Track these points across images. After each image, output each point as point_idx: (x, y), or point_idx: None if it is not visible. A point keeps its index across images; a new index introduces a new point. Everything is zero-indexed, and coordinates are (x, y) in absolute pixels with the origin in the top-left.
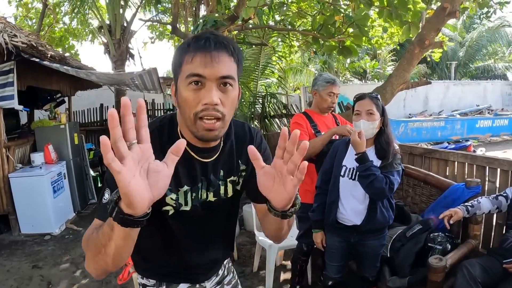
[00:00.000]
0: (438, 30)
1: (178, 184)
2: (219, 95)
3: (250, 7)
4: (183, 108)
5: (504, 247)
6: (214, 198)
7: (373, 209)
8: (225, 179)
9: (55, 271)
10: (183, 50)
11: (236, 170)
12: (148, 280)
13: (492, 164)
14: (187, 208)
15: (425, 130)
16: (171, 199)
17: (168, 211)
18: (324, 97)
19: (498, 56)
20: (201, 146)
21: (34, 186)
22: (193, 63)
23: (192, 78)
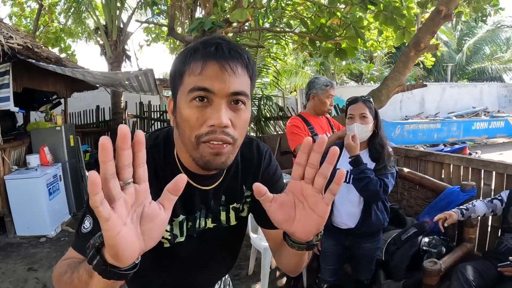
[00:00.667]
0: (433, 33)
1: (173, 215)
2: (230, 115)
3: (246, 9)
4: (183, 129)
5: (499, 250)
6: (213, 225)
7: (367, 212)
8: (228, 205)
9: (51, 274)
10: (187, 56)
11: (239, 196)
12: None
13: (487, 167)
14: (182, 239)
15: (422, 132)
16: (166, 231)
17: (163, 244)
18: (323, 100)
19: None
20: (202, 173)
21: (30, 188)
22: (199, 75)
23: (196, 93)
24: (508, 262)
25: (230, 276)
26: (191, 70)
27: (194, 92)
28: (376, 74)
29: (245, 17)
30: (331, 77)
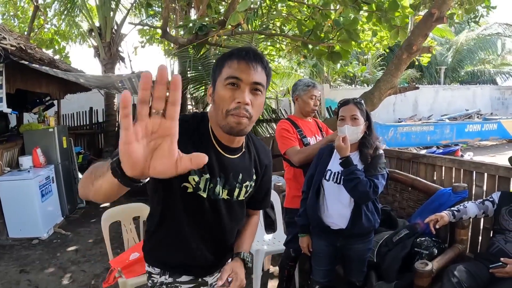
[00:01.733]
0: (426, 35)
1: (202, 170)
2: (250, 97)
3: (239, 12)
4: (218, 104)
5: (490, 252)
6: (227, 197)
7: (358, 213)
8: (242, 183)
9: (43, 276)
10: (226, 57)
11: (251, 176)
12: (154, 268)
13: (479, 169)
14: (204, 195)
15: (415, 135)
16: (193, 180)
17: (187, 188)
18: (306, 101)
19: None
20: (226, 143)
21: (22, 190)
22: (233, 68)
23: (230, 80)
24: (499, 264)
25: None
26: (229, 65)
27: (229, 79)
28: (369, 77)
29: (238, 20)
30: (324, 79)
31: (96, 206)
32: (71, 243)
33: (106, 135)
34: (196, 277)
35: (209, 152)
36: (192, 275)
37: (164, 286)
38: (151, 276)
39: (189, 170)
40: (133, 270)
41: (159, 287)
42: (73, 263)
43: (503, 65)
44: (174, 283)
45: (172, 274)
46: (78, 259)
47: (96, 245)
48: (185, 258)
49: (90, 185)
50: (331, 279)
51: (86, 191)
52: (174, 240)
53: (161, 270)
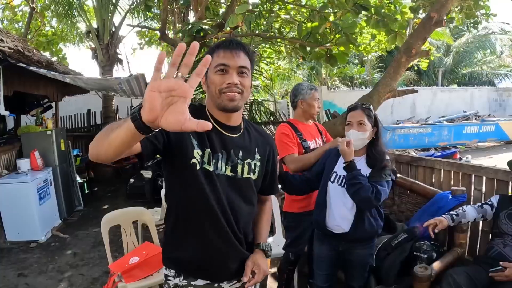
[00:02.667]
0: (425, 39)
1: (204, 144)
2: (238, 79)
3: (238, 14)
4: (211, 88)
5: (489, 255)
6: (231, 174)
7: (360, 217)
8: (243, 159)
9: (41, 279)
10: (213, 49)
11: (252, 155)
12: (170, 271)
13: (478, 172)
14: (210, 168)
15: (413, 137)
16: (197, 154)
17: (196, 164)
18: (311, 104)
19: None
20: (225, 122)
21: (20, 193)
22: (220, 57)
23: (219, 67)
24: (499, 267)
25: None
26: (216, 55)
27: (218, 67)
28: (368, 78)
29: (236, 23)
30: (322, 81)
31: (94, 209)
32: (69, 246)
33: None
34: (212, 281)
35: (210, 131)
36: (208, 279)
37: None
38: (167, 278)
39: (192, 131)
40: (132, 274)
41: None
42: (71, 267)
43: (500, 67)
44: (188, 286)
45: (186, 277)
46: (76, 262)
47: (94, 248)
48: (202, 256)
49: (105, 138)
50: (331, 284)
51: (99, 145)
52: (192, 235)
53: (176, 272)
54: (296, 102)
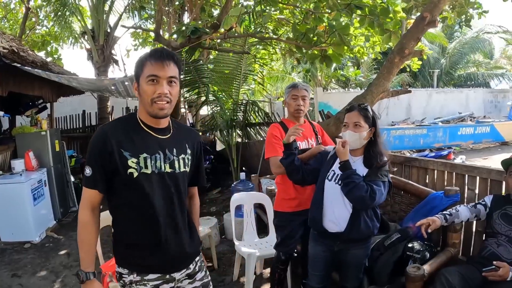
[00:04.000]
0: (417, 39)
1: (137, 151)
2: (168, 88)
3: (232, 15)
4: (143, 96)
5: (483, 255)
6: (170, 170)
7: (356, 217)
8: (178, 155)
9: (35, 280)
10: (145, 58)
11: (184, 150)
12: (123, 269)
13: (471, 172)
14: (148, 171)
15: (408, 138)
16: (132, 162)
17: (133, 174)
18: (289, 102)
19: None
20: (155, 126)
21: (14, 194)
22: (151, 68)
23: (150, 77)
24: (492, 267)
25: (215, 282)
26: (147, 65)
27: (149, 77)
28: (363, 80)
29: (230, 24)
30: (318, 83)
31: None
32: (63, 247)
33: None
34: (163, 274)
35: (142, 136)
36: (158, 273)
37: (134, 285)
38: (122, 276)
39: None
40: None
41: (129, 286)
42: (65, 267)
43: (496, 68)
44: (142, 281)
45: (139, 273)
46: (70, 263)
47: None
48: (153, 253)
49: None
50: (326, 284)
51: None
52: (138, 235)
53: (129, 270)
54: (284, 103)
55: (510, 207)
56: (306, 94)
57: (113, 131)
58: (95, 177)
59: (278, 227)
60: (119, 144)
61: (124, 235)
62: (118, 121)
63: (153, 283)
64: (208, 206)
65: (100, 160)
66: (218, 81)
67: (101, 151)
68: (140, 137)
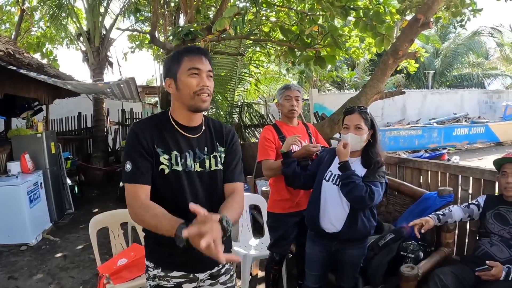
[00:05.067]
0: (411, 41)
1: (169, 148)
2: (208, 82)
3: (225, 18)
4: (184, 90)
5: (476, 255)
6: (200, 169)
7: (354, 217)
8: (209, 154)
9: (31, 282)
10: (181, 54)
11: (216, 148)
12: (150, 263)
13: (464, 173)
14: (179, 168)
15: (403, 139)
16: (164, 159)
17: (164, 170)
18: (282, 103)
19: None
20: (187, 124)
21: (10, 196)
22: (192, 62)
23: (193, 70)
24: (485, 266)
25: None
26: (186, 60)
27: (192, 70)
28: (358, 81)
29: (223, 26)
30: (313, 84)
31: (85, 212)
32: (59, 249)
33: (95, 140)
34: (188, 273)
35: (172, 134)
36: (182, 271)
37: (157, 279)
38: (148, 269)
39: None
40: (121, 276)
41: (152, 279)
42: (62, 269)
43: (491, 69)
44: (165, 277)
45: (164, 269)
46: (67, 265)
47: (85, 251)
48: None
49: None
50: (322, 285)
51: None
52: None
53: (155, 265)
54: (277, 105)
55: (503, 207)
56: (299, 95)
57: (147, 128)
58: (137, 171)
59: (272, 228)
60: (152, 140)
61: (150, 234)
62: (151, 119)
63: (176, 280)
64: None
65: (139, 155)
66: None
67: (138, 146)
68: (171, 135)
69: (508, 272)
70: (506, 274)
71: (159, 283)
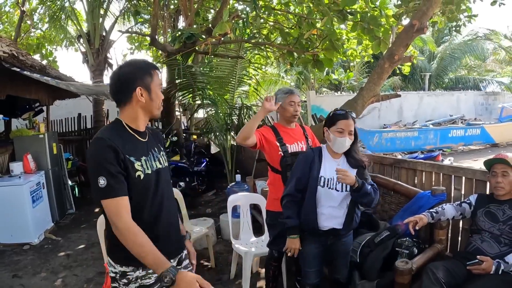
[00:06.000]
0: (407, 45)
1: (139, 154)
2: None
3: (226, 21)
4: (156, 100)
5: (468, 250)
6: (160, 166)
7: (351, 214)
8: (159, 153)
9: (36, 280)
10: (150, 67)
11: (159, 148)
12: (127, 267)
13: (457, 173)
14: (149, 171)
15: (399, 140)
16: (139, 165)
17: (140, 176)
18: (286, 107)
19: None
20: (139, 130)
21: (13, 196)
22: (157, 77)
23: (159, 86)
24: (476, 261)
25: (213, 280)
26: (156, 74)
27: (160, 85)
28: (355, 84)
29: (225, 30)
30: (310, 86)
31: (85, 212)
32: (62, 248)
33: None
34: None
35: (133, 141)
36: None
37: (139, 280)
38: (126, 274)
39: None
40: None
41: (134, 282)
42: (65, 268)
43: (487, 71)
44: (147, 275)
45: (144, 268)
46: (70, 263)
47: (87, 250)
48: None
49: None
50: (320, 279)
51: None
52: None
53: (134, 267)
54: (278, 107)
55: (493, 205)
56: (300, 100)
57: (114, 139)
58: (115, 185)
59: (270, 226)
60: (124, 150)
61: None
62: (110, 129)
63: (156, 275)
64: (203, 208)
65: (115, 167)
66: (213, 85)
67: (113, 159)
68: (133, 142)
69: (498, 266)
70: (496, 268)
71: (141, 284)
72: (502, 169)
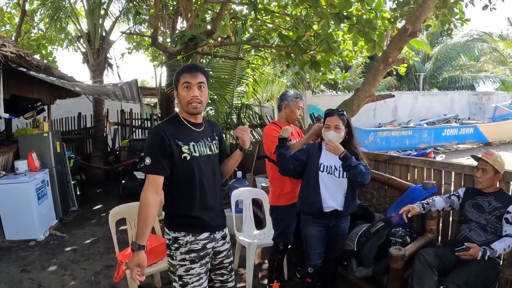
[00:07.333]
0: (400, 48)
1: (188, 140)
2: (198, 92)
3: (228, 25)
4: (181, 100)
5: (457, 239)
6: (210, 152)
7: (349, 196)
8: (211, 141)
9: (45, 274)
10: (180, 72)
11: (213, 138)
12: (179, 233)
13: (447, 168)
14: (197, 154)
15: (394, 139)
16: (186, 149)
17: (186, 157)
18: (294, 110)
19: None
20: (194, 121)
21: (19, 193)
22: (185, 77)
23: (185, 84)
24: (463, 247)
25: None
26: (182, 76)
27: (184, 84)
28: (351, 83)
29: (227, 33)
30: (306, 86)
31: (88, 209)
32: (68, 244)
33: (95, 140)
34: (210, 233)
35: (186, 129)
36: (209, 231)
37: (189, 245)
38: (177, 240)
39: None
40: None
41: (184, 246)
42: (73, 262)
43: (480, 71)
44: (195, 241)
45: (194, 234)
46: (77, 258)
47: (93, 245)
48: (202, 215)
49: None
50: (322, 260)
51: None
52: (193, 202)
53: (185, 233)
54: (281, 106)
55: (480, 197)
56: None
57: (167, 128)
58: (156, 165)
59: (277, 220)
60: (173, 136)
61: (181, 205)
62: (167, 121)
63: (203, 242)
64: None
65: (161, 151)
66: (213, 85)
67: (161, 144)
68: (185, 131)
69: (484, 253)
70: (482, 254)
71: (190, 248)
72: (482, 166)
